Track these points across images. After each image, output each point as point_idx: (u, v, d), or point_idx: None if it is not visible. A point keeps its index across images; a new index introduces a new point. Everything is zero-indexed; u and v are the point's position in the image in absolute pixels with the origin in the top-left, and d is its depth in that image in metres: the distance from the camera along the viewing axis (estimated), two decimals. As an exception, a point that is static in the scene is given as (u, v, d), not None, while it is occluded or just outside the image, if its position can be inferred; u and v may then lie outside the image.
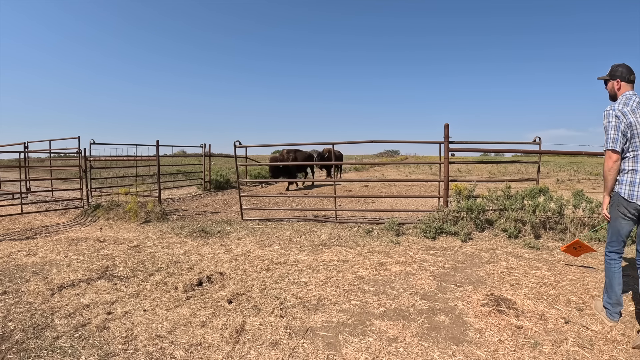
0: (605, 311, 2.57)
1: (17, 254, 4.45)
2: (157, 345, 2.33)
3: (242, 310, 2.80)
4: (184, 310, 2.82)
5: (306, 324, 2.59)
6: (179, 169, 13.07)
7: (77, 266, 3.93)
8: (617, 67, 2.56)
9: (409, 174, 17.35)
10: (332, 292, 3.14)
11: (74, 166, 9.07)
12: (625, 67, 2.54)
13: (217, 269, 3.77)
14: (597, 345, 2.25)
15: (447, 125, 5.32)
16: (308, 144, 6.52)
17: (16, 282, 3.49)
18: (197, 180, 12.07)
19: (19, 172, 10.04)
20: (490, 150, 7.70)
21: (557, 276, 3.40)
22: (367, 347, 2.28)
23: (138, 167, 11.21)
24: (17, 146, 9.45)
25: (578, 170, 20.58)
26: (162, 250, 4.56)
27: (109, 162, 11.06)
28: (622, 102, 2.44)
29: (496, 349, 2.23)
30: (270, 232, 5.36)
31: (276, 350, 2.27)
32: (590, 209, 4.86)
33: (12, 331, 2.52)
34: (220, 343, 2.36)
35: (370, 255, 4.14)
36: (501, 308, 2.73)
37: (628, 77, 2.52)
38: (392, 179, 7.75)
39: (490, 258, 3.99)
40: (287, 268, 3.78)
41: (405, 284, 3.29)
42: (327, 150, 12.06)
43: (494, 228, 4.97)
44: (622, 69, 2.54)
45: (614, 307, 2.51)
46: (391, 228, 5.11)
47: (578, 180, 14.23)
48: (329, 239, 4.96)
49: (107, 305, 2.94)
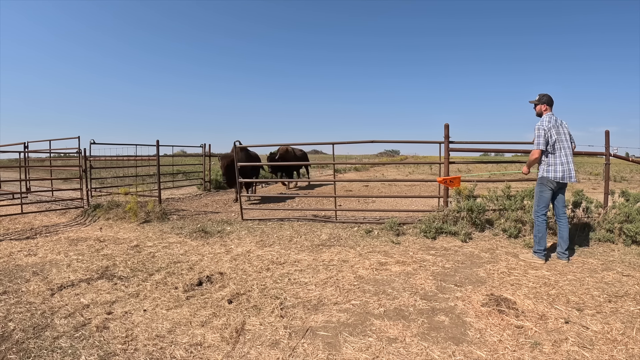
0: (537, 255, 3.82)
1: (17, 254, 4.45)
2: (157, 345, 2.33)
3: (242, 310, 2.80)
4: (184, 310, 2.82)
5: (306, 323, 2.59)
6: (179, 169, 13.07)
7: (77, 266, 3.93)
8: (544, 96, 3.87)
9: (409, 174, 17.35)
10: (332, 292, 3.14)
11: (74, 166, 9.07)
12: (549, 96, 3.87)
13: (217, 269, 3.77)
14: (597, 345, 2.25)
15: (447, 125, 5.32)
16: (307, 144, 6.52)
17: (16, 282, 3.49)
18: (197, 180, 12.06)
19: (19, 172, 10.04)
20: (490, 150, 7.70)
21: (557, 276, 3.40)
22: (367, 347, 2.28)
23: (138, 167, 11.20)
24: (17, 146, 9.44)
25: (578, 170, 20.58)
26: (162, 250, 4.56)
27: (109, 162, 11.05)
28: (547, 120, 3.76)
29: (496, 349, 2.23)
30: (270, 232, 5.36)
31: (276, 350, 2.27)
32: (589, 209, 4.86)
33: (12, 331, 2.52)
34: (220, 343, 2.36)
35: (370, 255, 4.14)
36: (501, 308, 2.73)
37: (550, 103, 3.86)
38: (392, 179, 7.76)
39: (490, 258, 3.99)
40: (287, 268, 3.78)
41: (405, 283, 3.29)
42: (283, 150, 10.10)
43: (494, 228, 4.97)
44: (546, 97, 3.86)
45: (544, 251, 3.82)
46: (391, 228, 5.11)
47: (578, 180, 14.21)
48: (329, 238, 4.96)
49: (107, 305, 2.93)
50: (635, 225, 4.28)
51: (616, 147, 5.13)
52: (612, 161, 5.30)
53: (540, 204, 3.82)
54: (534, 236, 3.88)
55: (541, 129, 3.72)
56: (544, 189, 3.79)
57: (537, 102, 3.91)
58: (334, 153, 6.32)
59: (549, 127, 3.71)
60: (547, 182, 3.76)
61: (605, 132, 5.12)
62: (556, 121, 3.78)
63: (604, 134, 5.14)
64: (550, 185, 3.76)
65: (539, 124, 3.76)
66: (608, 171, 5.28)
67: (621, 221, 4.50)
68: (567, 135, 3.82)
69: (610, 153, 5.13)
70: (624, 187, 6.76)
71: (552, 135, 3.69)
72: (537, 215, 3.83)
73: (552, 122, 3.74)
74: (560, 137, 3.74)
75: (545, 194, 3.80)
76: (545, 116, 3.81)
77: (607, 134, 5.11)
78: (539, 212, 3.82)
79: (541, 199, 3.81)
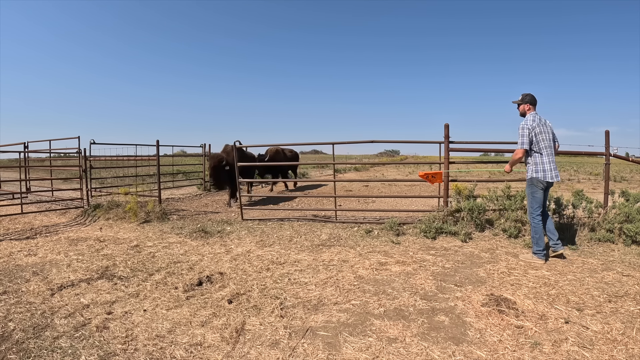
0: (537, 256, 3.81)
1: (17, 254, 4.45)
2: (157, 345, 2.33)
3: (242, 310, 2.80)
4: (184, 310, 2.82)
5: (306, 323, 2.59)
6: (179, 169, 13.07)
7: (77, 266, 3.93)
8: (526, 96, 3.88)
9: (409, 174, 17.33)
10: (332, 292, 3.14)
11: (74, 166, 9.07)
12: (532, 95, 3.88)
13: (217, 269, 3.77)
14: (597, 345, 2.25)
15: (447, 125, 5.32)
16: (307, 144, 6.51)
17: (16, 282, 3.49)
18: (197, 180, 12.06)
19: (19, 172, 10.03)
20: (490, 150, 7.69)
21: (557, 276, 3.40)
22: (367, 347, 2.28)
23: (138, 167, 11.20)
24: (17, 146, 9.44)
25: (578, 170, 20.57)
26: (162, 250, 4.56)
27: (109, 162, 11.05)
28: (531, 119, 3.77)
29: (496, 349, 2.23)
30: (270, 232, 5.36)
31: (276, 350, 2.27)
32: (589, 209, 4.86)
33: (12, 331, 2.52)
34: (220, 343, 2.36)
35: (370, 255, 4.14)
36: (501, 308, 2.73)
37: (533, 102, 3.86)
38: (392, 179, 7.75)
39: (490, 258, 3.99)
40: (287, 268, 3.78)
41: (405, 283, 3.29)
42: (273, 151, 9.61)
43: (494, 228, 4.97)
44: (530, 97, 3.86)
45: (543, 251, 3.83)
46: (391, 228, 5.11)
47: (578, 180, 14.22)
48: (329, 238, 4.96)
49: (107, 305, 2.93)
50: (635, 225, 4.28)
51: (616, 147, 5.13)
52: (612, 161, 5.30)
53: (534, 204, 3.82)
54: (532, 237, 3.88)
55: (526, 128, 3.73)
56: (536, 189, 3.79)
57: (520, 102, 3.93)
58: (334, 153, 6.32)
59: (534, 126, 3.72)
60: (538, 183, 3.76)
61: (605, 132, 5.12)
62: (540, 120, 3.79)
63: (604, 134, 5.14)
64: (540, 186, 3.77)
65: (524, 123, 3.78)
66: (608, 171, 5.28)
67: (621, 221, 4.50)
68: (551, 135, 3.85)
69: (610, 153, 5.13)
70: (624, 187, 6.76)
71: (536, 135, 3.71)
72: (532, 217, 3.83)
73: (537, 122, 3.75)
74: (544, 136, 3.75)
75: (537, 195, 3.80)
76: (529, 115, 3.82)
77: (607, 134, 5.11)
78: (534, 213, 3.82)
79: (534, 199, 3.81)
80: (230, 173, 7.20)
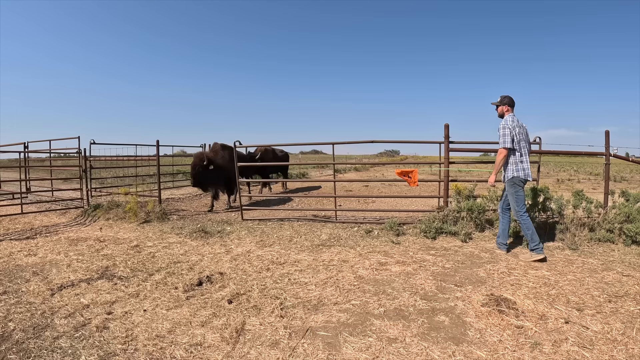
0: (535, 251, 3.82)
1: (17, 254, 4.45)
2: (157, 345, 2.33)
3: (242, 310, 2.80)
4: (184, 310, 2.82)
5: (306, 324, 2.59)
6: (179, 169, 13.06)
7: (77, 266, 3.93)
8: (505, 97, 4.02)
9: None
10: (332, 292, 3.14)
11: (74, 166, 9.07)
12: (510, 97, 4.02)
13: (217, 269, 3.77)
14: (597, 345, 2.25)
15: (447, 125, 5.32)
16: (307, 144, 6.51)
17: (16, 282, 3.49)
18: (197, 180, 12.05)
19: (19, 172, 10.04)
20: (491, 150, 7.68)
21: (557, 276, 3.40)
22: (367, 347, 2.28)
23: (138, 167, 11.20)
24: (17, 146, 9.44)
25: (578, 170, 20.57)
26: (162, 250, 4.56)
27: (109, 162, 11.05)
28: (510, 120, 3.91)
29: (496, 349, 2.23)
30: (270, 232, 5.36)
31: (276, 350, 2.27)
32: (589, 209, 4.85)
33: (12, 331, 2.52)
34: (220, 343, 2.36)
35: (370, 255, 4.14)
36: (501, 308, 2.73)
37: (512, 104, 4.01)
38: (392, 179, 7.76)
39: (490, 258, 3.99)
40: (287, 268, 3.78)
41: (405, 284, 3.29)
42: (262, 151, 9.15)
43: (494, 228, 4.97)
44: (508, 99, 4.01)
45: (539, 245, 3.83)
46: (391, 228, 5.11)
47: (578, 180, 14.23)
48: (329, 239, 4.96)
49: (107, 305, 2.93)
50: (635, 225, 4.28)
51: (616, 147, 5.14)
52: (612, 161, 5.30)
53: (519, 203, 3.92)
54: (525, 235, 3.95)
55: (507, 128, 3.85)
56: (518, 188, 3.91)
57: (499, 104, 4.08)
58: (334, 153, 6.32)
59: (513, 126, 3.85)
60: (519, 182, 3.89)
61: (605, 132, 5.12)
62: (517, 121, 3.94)
63: (604, 134, 5.14)
64: (521, 184, 3.90)
65: (504, 123, 3.90)
66: (608, 171, 5.28)
67: (621, 221, 4.50)
68: (526, 136, 3.99)
69: (610, 153, 5.13)
70: (624, 187, 6.76)
71: (516, 135, 3.84)
72: (519, 215, 3.91)
73: (515, 122, 3.90)
74: (522, 137, 3.91)
75: (520, 193, 3.93)
76: (508, 116, 3.96)
77: (607, 134, 5.11)
78: (521, 212, 3.91)
79: (518, 198, 3.92)
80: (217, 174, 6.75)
